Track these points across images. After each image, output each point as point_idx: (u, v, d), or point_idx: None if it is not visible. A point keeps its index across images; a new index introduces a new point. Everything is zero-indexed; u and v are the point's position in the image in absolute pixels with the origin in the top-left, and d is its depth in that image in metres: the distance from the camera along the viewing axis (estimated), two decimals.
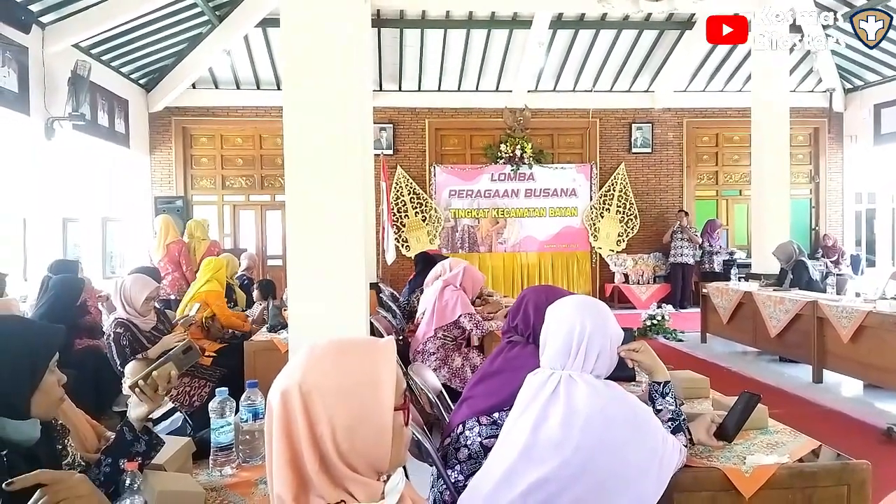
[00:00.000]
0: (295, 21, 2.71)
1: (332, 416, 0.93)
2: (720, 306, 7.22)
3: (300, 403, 0.93)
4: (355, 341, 1.02)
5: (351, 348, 1.00)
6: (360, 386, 0.95)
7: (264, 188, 10.72)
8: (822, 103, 11.35)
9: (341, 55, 2.70)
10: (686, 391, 2.49)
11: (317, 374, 0.95)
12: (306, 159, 2.61)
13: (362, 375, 0.96)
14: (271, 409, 0.96)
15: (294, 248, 2.61)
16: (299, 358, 0.99)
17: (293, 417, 0.93)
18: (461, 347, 4.18)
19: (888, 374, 4.88)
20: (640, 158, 11.24)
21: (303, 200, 2.61)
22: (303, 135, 2.63)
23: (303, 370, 0.96)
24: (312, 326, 2.60)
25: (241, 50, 9.72)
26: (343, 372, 0.96)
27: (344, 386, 0.95)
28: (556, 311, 1.74)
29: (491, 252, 10.90)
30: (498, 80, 10.74)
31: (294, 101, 2.67)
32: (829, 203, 11.62)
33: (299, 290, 2.60)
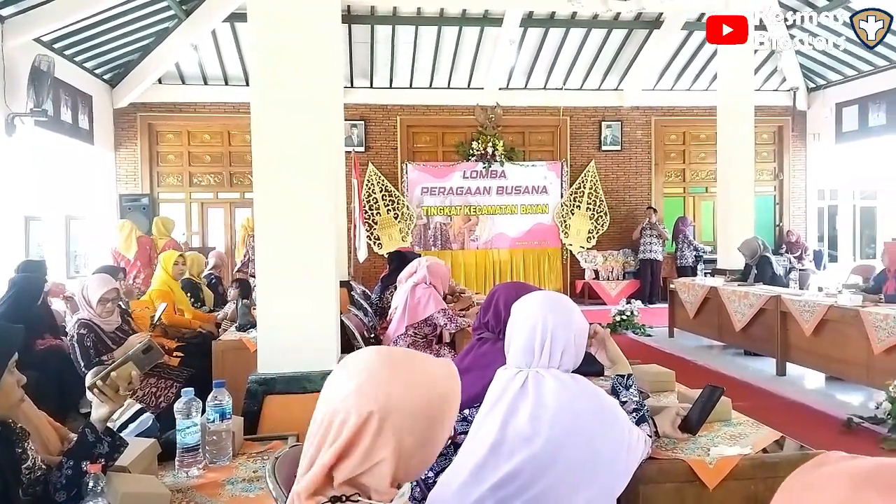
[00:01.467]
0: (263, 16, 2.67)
1: (400, 440, 0.91)
2: (687, 301, 7.35)
3: (375, 428, 0.90)
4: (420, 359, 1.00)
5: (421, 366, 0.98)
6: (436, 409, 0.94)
7: (233, 186, 10.58)
8: (786, 102, 11.62)
9: (311, 51, 2.67)
10: (652, 385, 2.54)
11: (395, 397, 0.91)
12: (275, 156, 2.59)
13: (440, 399, 0.95)
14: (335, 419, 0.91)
15: (263, 246, 2.58)
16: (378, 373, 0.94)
17: (361, 439, 0.90)
18: (432, 345, 4.19)
19: (849, 367, 5.02)
20: (610, 156, 11.37)
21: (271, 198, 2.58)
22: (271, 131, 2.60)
23: (382, 393, 0.91)
24: (281, 326, 2.58)
25: (208, 45, 9.57)
26: (423, 397, 0.94)
27: (420, 410, 0.93)
28: (520, 308, 1.75)
29: (463, 249, 10.93)
30: (469, 77, 10.76)
31: (262, 97, 2.64)
32: (792, 200, 11.90)
33: (268, 289, 2.58)
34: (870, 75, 10.31)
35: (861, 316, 4.77)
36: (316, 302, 2.58)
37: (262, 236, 2.58)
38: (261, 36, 2.69)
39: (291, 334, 2.56)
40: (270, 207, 2.58)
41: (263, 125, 2.60)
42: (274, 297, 2.57)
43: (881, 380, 4.30)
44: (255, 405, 2.47)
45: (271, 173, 2.58)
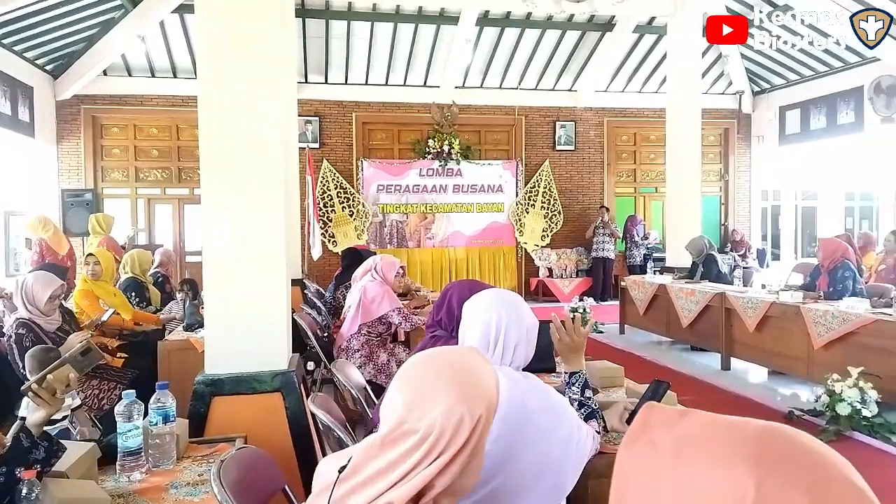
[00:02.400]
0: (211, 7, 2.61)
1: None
2: (637, 298, 7.52)
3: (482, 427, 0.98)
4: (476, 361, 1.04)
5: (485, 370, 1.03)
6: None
7: (182, 181, 10.30)
8: (732, 105, 12.00)
9: (261, 44, 2.62)
10: (602, 380, 2.58)
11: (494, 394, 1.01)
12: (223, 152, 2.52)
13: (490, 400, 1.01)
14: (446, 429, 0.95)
15: (210, 243, 2.52)
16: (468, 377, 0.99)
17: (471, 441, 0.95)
18: (387, 343, 4.17)
19: (790, 361, 5.22)
20: (564, 156, 11.53)
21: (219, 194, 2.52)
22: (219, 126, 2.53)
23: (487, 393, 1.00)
24: (230, 325, 2.52)
25: (156, 36, 9.29)
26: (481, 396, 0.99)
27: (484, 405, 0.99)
28: (472, 306, 1.75)
29: (419, 247, 10.92)
30: (426, 75, 10.75)
31: (210, 91, 2.57)
32: (737, 200, 12.30)
33: (215, 287, 2.52)
34: (811, 80, 10.74)
35: (801, 312, 4.96)
36: (266, 300, 2.53)
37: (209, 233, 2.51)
38: (209, 27, 2.62)
39: (240, 333, 2.51)
40: (218, 204, 2.52)
41: (211, 120, 2.53)
42: (222, 295, 2.51)
43: (820, 374, 4.49)
44: (202, 407, 2.41)
45: (219, 169, 2.52)
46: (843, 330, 4.54)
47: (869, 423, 3.99)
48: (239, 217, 2.50)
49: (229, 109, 2.53)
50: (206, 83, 2.58)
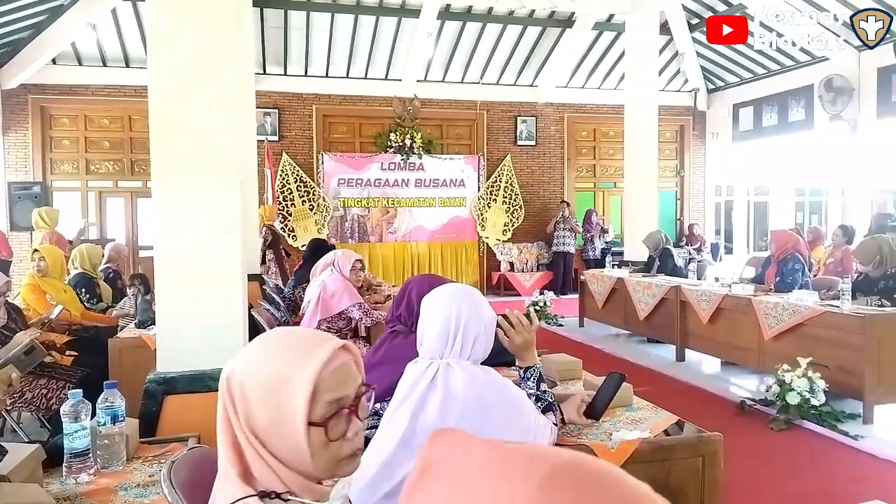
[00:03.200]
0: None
1: (252, 412, 0.91)
2: (596, 292, 7.63)
3: (229, 392, 0.92)
4: (294, 339, 0.97)
5: (284, 347, 0.95)
6: (274, 390, 0.90)
7: (135, 173, 10.02)
8: (688, 102, 12.25)
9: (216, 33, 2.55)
10: (561, 373, 2.61)
11: (247, 365, 0.93)
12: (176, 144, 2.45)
13: (279, 379, 0.91)
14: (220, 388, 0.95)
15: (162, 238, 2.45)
16: (250, 343, 0.98)
17: (227, 403, 0.92)
18: (347, 339, 4.13)
19: (742, 352, 5.36)
20: (525, 151, 11.61)
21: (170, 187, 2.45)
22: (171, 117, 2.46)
23: (241, 358, 0.94)
24: (183, 321, 2.46)
25: (108, 24, 8.99)
26: (265, 372, 0.92)
27: (263, 385, 0.91)
28: (431, 301, 1.75)
29: (381, 242, 10.87)
30: (387, 68, 10.67)
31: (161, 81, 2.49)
32: (692, 195, 12.59)
33: (167, 283, 2.45)
34: (764, 78, 11.04)
35: (753, 304, 5.10)
36: (221, 296, 2.47)
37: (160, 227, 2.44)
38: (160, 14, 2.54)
39: (194, 330, 2.45)
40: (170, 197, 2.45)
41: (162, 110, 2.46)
42: (174, 290, 2.45)
43: (771, 364, 4.62)
44: (154, 406, 2.35)
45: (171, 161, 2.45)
46: (793, 322, 4.69)
47: (817, 411, 4.12)
48: (191, 210, 2.44)
49: (181, 100, 2.46)
50: (156, 72, 2.51)
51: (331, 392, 0.91)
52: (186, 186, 2.46)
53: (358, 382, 0.96)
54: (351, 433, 0.93)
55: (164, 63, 2.52)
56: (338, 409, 0.92)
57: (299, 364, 0.91)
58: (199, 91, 2.50)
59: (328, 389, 0.91)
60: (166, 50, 2.52)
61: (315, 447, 0.90)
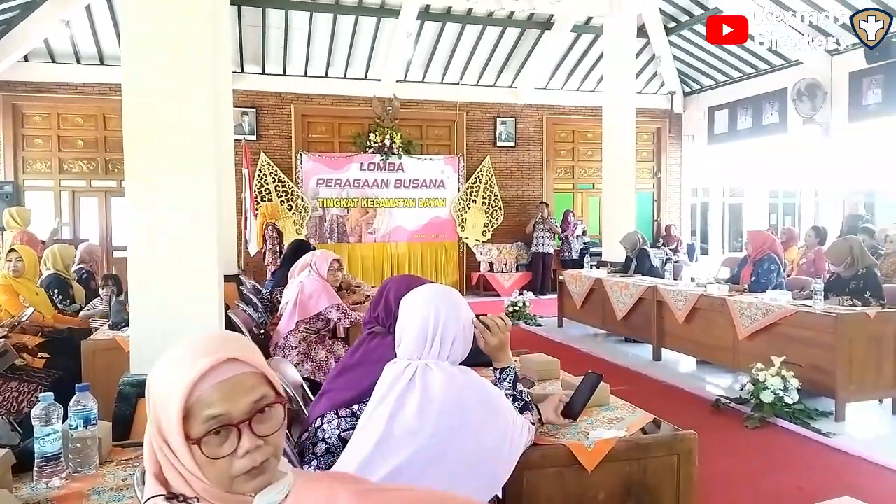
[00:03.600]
0: None
1: (155, 421, 0.90)
2: (574, 292, 7.68)
3: (147, 395, 0.92)
4: (183, 352, 0.91)
5: (173, 360, 0.91)
6: (158, 405, 0.89)
7: (109, 173, 9.87)
8: (664, 105, 12.40)
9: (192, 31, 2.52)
10: (539, 373, 2.62)
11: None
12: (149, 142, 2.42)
13: (159, 394, 0.89)
14: None
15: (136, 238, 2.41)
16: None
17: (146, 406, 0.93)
18: (325, 340, 4.10)
19: (717, 351, 5.43)
20: (505, 152, 11.65)
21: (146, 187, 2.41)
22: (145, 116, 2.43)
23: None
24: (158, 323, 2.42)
25: (82, 21, 8.85)
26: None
27: (152, 399, 0.90)
28: (410, 302, 1.75)
29: (361, 242, 10.83)
30: (367, 68, 10.64)
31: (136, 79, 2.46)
32: (668, 196, 12.74)
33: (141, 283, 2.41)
34: (739, 82, 11.21)
35: (728, 304, 5.17)
36: (196, 296, 2.44)
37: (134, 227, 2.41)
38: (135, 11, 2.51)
39: (168, 331, 2.41)
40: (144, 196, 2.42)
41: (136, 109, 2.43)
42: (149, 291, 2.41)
43: (745, 363, 4.69)
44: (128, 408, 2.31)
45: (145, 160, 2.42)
46: (767, 321, 4.76)
47: (790, 409, 4.19)
48: (167, 210, 2.41)
49: (156, 98, 2.43)
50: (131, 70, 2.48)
51: (211, 408, 0.86)
52: (161, 186, 2.43)
53: (253, 397, 0.89)
54: (241, 451, 0.87)
55: (139, 60, 2.49)
56: (219, 425, 0.87)
57: (175, 379, 0.87)
58: (175, 89, 2.47)
59: (207, 405, 0.86)
60: (141, 47, 2.49)
61: (201, 463, 0.87)
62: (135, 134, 2.45)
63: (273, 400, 0.91)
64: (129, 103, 2.46)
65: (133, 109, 2.45)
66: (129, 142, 2.44)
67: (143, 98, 2.47)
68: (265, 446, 0.89)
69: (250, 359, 0.91)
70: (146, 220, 2.41)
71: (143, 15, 2.50)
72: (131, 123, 2.44)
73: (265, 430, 0.89)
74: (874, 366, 4.30)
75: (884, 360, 4.31)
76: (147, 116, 2.45)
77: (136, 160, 2.43)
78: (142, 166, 2.43)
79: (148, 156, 2.45)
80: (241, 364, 0.90)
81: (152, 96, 2.47)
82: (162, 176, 2.43)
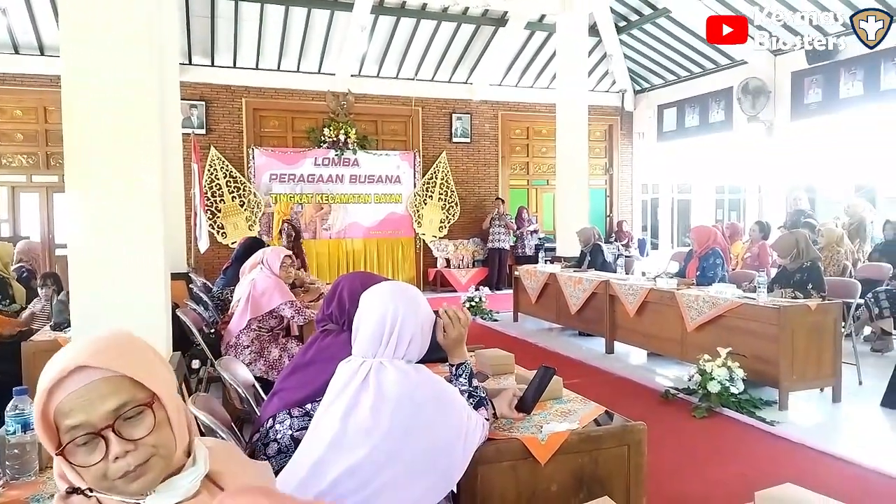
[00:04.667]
0: None
1: None
2: (529, 287, 7.76)
3: None
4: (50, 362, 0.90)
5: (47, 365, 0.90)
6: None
7: (51, 168, 9.48)
8: (616, 103, 12.63)
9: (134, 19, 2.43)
10: (494, 368, 2.64)
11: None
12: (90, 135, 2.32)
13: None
14: None
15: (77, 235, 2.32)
16: None
17: None
18: (278, 338, 4.04)
19: (666, 343, 5.57)
20: (460, 148, 11.68)
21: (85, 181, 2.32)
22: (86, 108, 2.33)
23: None
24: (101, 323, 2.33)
25: (20, 9, 8.46)
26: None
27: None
28: (368, 298, 1.74)
29: (315, 239, 10.69)
30: (320, 62, 10.50)
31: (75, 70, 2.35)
32: (620, 192, 13.00)
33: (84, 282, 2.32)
34: (686, 81, 11.50)
35: (676, 297, 5.30)
36: (141, 295, 2.36)
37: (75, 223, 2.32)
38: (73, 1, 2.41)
39: None
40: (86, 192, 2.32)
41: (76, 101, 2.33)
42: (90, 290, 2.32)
43: (693, 354, 4.82)
44: None
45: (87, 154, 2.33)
46: (713, 313, 4.90)
47: (736, 399, 4.33)
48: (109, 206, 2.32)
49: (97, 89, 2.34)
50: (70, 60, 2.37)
51: (68, 418, 0.86)
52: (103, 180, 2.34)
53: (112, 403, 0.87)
54: (111, 457, 0.86)
55: (79, 51, 2.39)
56: (83, 434, 0.86)
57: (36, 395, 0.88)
58: (117, 81, 2.38)
59: (65, 415, 0.86)
60: (81, 36, 2.39)
61: (78, 469, 0.87)
62: (75, 127, 2.35)
63: (140, 403, 0.89)
64: (69, 95, 2.36)
65: (73, 101, 2.35)
66: (70, 135, 2.34)
67: (83, 90, 2.37)
68: (139, 449, 0.88)
69: (109, 363, 0.88)
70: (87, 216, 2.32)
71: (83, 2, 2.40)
72: (71, 116, 2.34)
73: (136, 433, 0.88)
74: (815, 356, 4.47)
75: (824, 350, 4.49)
76: (88, 109, 2.36)
77: (77, 154, 2.34)
78: (83, 160, 2.34)
79: (89, 150, 2.35)
80: (96, 370, 0.87)
81: (93, 88, 2.37)
82: (104, 170, 2.34)
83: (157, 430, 0.90)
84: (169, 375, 0.97)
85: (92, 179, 2.34)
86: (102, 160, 2.34)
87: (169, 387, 0.94)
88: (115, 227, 2.34)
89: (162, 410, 0.91)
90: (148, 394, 0.90)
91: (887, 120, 8.26)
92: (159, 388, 0.91)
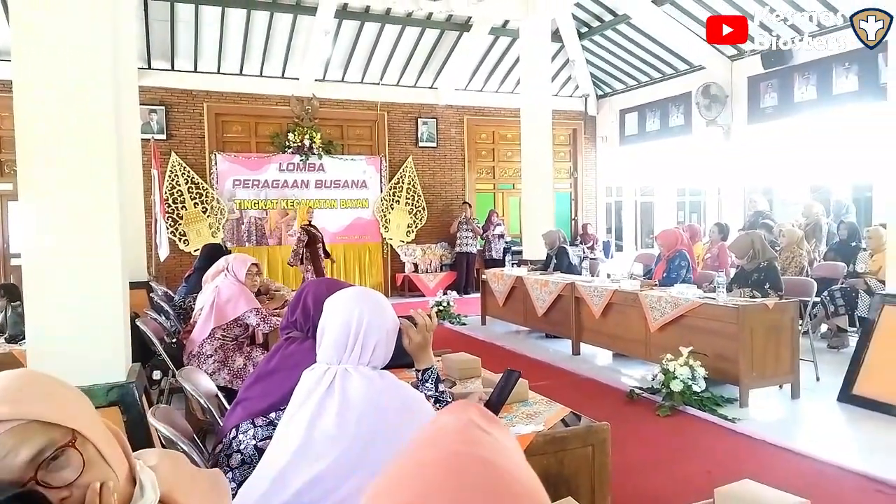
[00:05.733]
0: None
1: None
2: (497, 290, 7.80)
3: None
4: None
5: None
6: None
7: (4, 175, 9.18)
8: (579, 107, 12.79)
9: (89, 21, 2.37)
10: (460, 372, 2.65)
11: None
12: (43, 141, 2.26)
13: None
14: None
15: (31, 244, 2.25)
16: None
17: None
18: (243, 347, 3.97)
19: (631, 344, 5.65)
20: (427, 152, 11.68)
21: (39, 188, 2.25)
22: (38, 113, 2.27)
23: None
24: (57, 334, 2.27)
25: None
26: None
27: None
28: (332, 303, 1.72)
29: (281, 245, 10.56)
30: (283, 66, 10.40)
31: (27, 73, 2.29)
32: (585, 196, 13.16)
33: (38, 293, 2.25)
34: (647, 86, 11.71)
35: (639, 298, 5.39)
36: (98, 305, 2.30)
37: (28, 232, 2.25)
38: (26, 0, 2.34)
39: (70, 344, 2.26)
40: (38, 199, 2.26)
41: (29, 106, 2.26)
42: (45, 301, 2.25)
43: (656, 354, 4.91)
44: None
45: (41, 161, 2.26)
46: (675, 313, 5.00)
47: (698, 397, 4.42)
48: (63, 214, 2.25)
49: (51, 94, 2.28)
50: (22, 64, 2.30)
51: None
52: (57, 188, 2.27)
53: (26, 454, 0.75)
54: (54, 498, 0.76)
55: (31, 53, 2.32)
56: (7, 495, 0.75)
57: None
58: (71, 85, 2.32)
59: None
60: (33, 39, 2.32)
61: None
62: (28, 133, 2.28)
63: (59, 445, 0.78)
64: (21, 100, 2.29)
65: (25, 107, 2.28)
66: (22, 141, 2.27)
67: (35, 94, 2.30)
68: (75, 493, 0.78)
69: (10, 411, 0.76)
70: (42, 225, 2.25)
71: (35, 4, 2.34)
72: (23, 122, 2.27)
73: (66, 477, 0.78)
74: (773, 353, 4.59)
75: (782, 347, 4.62)
76: (41, 114, 2.29)
77: (30, 161, 2.27)
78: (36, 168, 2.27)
79: (43, 156, 2.28)
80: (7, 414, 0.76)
81: (46, 92, 2.31)
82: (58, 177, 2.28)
83: (90, 468, 0.79)
84: (85, 405, 0.85)
85: (46, 187, 2.27)
86: (56, 167, 2.28)
87: (88, 418, 0.83)
88: (71, 236, 2.27)
89: (88, 445, 0.80)
90: (65, 431, 0.78)
91: (840, 123, 8.54)
92: (77, 423, 0.79)
